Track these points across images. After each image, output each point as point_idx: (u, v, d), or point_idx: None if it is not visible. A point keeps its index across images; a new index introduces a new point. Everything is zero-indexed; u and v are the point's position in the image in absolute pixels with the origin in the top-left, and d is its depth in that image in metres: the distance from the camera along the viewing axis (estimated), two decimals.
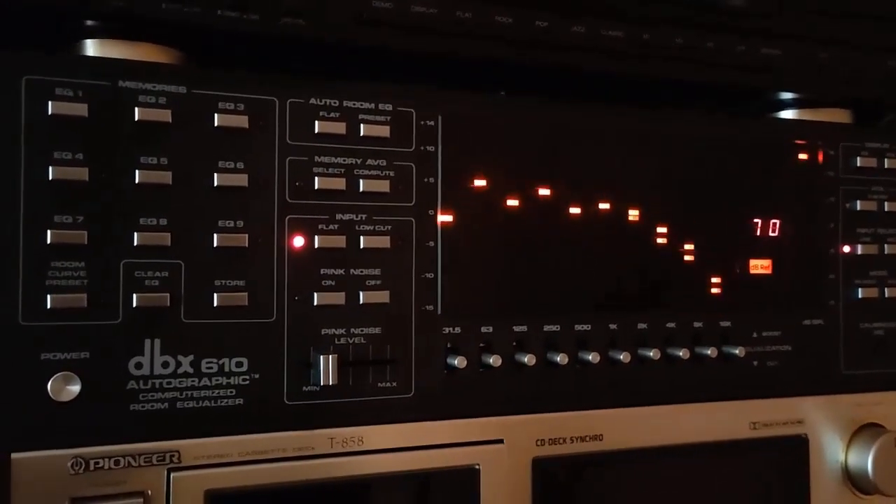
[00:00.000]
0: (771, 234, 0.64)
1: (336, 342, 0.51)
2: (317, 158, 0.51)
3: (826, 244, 0.65)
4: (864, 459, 0.63)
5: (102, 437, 0.46)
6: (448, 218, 0.54)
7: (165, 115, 0.47)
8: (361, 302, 0.51)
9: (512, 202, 0.56)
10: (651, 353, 0.58)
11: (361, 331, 0.52)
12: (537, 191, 0.57)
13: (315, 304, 0.50)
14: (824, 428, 0.64)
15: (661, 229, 0.60)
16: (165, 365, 0.47)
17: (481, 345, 0.55)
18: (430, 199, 0.54)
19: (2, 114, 0.44)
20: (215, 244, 0.48)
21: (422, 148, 0.54)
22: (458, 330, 0.54)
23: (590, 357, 0.56)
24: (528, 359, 0.55)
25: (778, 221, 0.64)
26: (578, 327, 0.57)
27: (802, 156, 0.65)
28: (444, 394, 0.54)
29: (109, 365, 0.46)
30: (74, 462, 0.45)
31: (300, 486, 0.49)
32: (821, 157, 0.65)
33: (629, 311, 0.59)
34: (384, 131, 0.52)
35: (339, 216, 0.51)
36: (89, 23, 0.49)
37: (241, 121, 0.49)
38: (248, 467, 0.48)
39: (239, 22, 0.49)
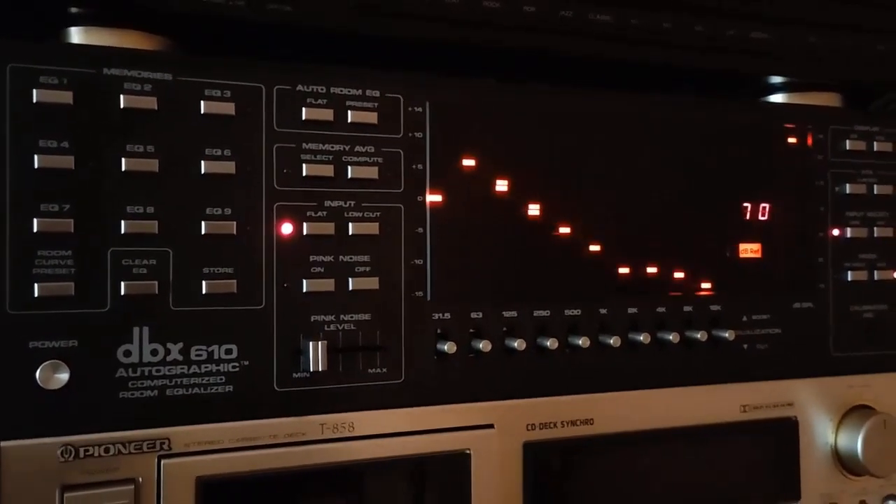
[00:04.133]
0: (760, 217, 0.64)
1: (326, 329, 0.51)
2: (304, 145, 0.51)
3: (815, 227, 0.65)
4: (854, 441, 0.64)
5: (92, 425, 0.46)
6: (437, 204, 0.54)
7: (151, 103, 0.47)
8: (351, 289, 0.52)
9: (501, 188, 0.56)
10: (641, 338, 0.58)
11: (351, 317, 0.52)
12: (526, 176, 0.57)
13: (304, 290, 0.50)
14: (814, 410, 0.65)
15: (651, 213, 0.60)
16: (154, 352, 0.47)
17: (471, 330, 0.55)
18: (418, 185, 0.54)
19: None
20: (203, 232, 0.48)
21: (410, 134, 0.54)
22: (447, 316, 0.54)
23: (580, 342, 0.57)
24: (518, 344, 0.55)
25: (767, 205, 0.64)
26: (569, 312, 0.57)
27: (792, 139, 0.65)
28: (434, 379, 0.54)
29: (98, 353, 0.46)
30: (64, 450, 0.45)
31: (291, 472, 0.49)
32: (810, 141, 0.65)
33: (619, 295, 0.59)
34: (372, 118, 0.52)
35: (327, 203, 0.51)
36: (74, 9, 0.49)
37: (228, 108, 0.49)
38: (239, 454, 0.48)
39: (225, 8, 0.49)
